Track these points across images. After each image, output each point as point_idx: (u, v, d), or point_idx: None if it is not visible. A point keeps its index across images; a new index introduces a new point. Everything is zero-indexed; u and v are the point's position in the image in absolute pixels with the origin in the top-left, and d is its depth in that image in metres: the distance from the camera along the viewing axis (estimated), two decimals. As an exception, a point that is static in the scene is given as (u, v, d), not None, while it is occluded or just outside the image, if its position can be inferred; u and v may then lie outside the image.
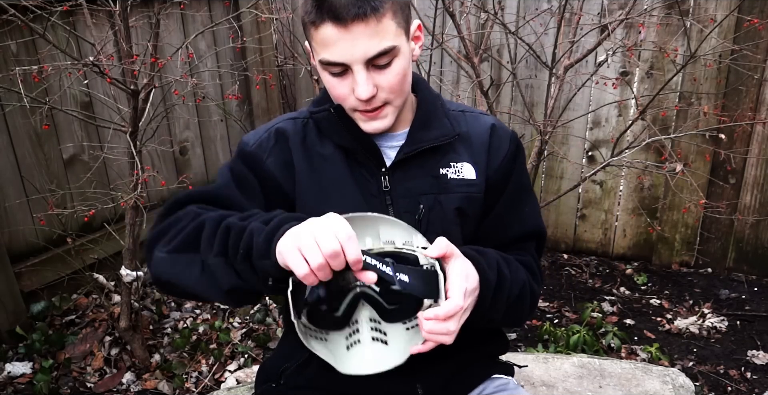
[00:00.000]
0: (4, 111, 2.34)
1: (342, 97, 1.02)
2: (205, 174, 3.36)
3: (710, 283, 3.06)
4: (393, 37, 0.96)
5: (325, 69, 0.99)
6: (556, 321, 2.79)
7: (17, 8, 1.85)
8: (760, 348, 2.57)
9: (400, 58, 0.99)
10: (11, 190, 2.45)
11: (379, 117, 1.04)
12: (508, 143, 1.15)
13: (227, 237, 0.90)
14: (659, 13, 2.83)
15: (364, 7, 0.91)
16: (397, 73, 0.99)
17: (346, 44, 0.93)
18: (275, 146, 1.09)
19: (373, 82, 0.98)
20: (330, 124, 1.08)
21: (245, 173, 1.08)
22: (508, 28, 2.69)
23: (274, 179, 1.08)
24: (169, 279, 0.98)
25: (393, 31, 0.96)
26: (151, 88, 2.09)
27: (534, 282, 1.14)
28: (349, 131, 1.07)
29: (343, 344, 1.00)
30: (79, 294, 2.68)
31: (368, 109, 1.01)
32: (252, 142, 1.11)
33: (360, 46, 0.94)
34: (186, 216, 0.99)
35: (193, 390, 2.34)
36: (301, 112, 1.15)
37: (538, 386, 1.68)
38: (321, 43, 0.95)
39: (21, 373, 2.32)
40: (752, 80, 2.77)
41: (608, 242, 3.33)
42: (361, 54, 0.94)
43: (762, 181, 2.93)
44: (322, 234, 0.81)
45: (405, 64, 1.00)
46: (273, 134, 1.11)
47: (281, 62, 3.71)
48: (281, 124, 1.12)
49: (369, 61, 0.96)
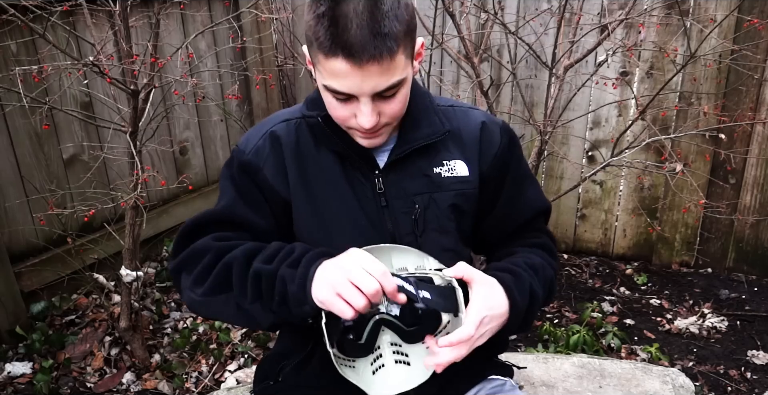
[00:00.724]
0: (4, 111, 2.34)
1: (342, 119, 1.01)
2: (205, 174, 3.36)
3: (710, 283, 3.06)
4: (402, 70, 0.95)
5: (328, 92, 0.98)
6: (556, 321, 2.79)
7: (17, 8, 1.85)
8: (760, 348, 2.57)
9: (405, 87, 0.99)
10: (11, 190, 2.45)
11: (376, 136, 1.04)
12: (499, 136, 1.15)
13: (259, 284, 0.94)
14: (659, 13, 2.83)
15: (380, 48, 0.89)
16: (401, 100, 0.99)
17: (356, 79, 0.92)
18: (270, 152, 1.09)
19: (377, 110, 0.98)
20: (321, 130, 1.08)
21: (247, 184, 1.09)
22: (508, 28, 2.69)
23: (272, 187, 1.08)
24: (207, 316, 1.07)
25: (403, 65, 0.95)
26: (151, 88, 2.09)
27: (554, 262, 1.22)
28: (341, 139, 1.06)
29: (370, 369, 1.04)
30: (79, 294, 2.68)
31: (369, 132, 1.01)
32: (248, 149, 1.10)
33: (370, 82, 0.92)
34: (209, 251, 1.02)
35: (193, 390, 2.34)
36: (295, 111, 1.14)
37: (538, 386, 1.69)
38: (330, 72, 0.93)
39: (21, 373, 2.32)
40: (752, 80, 2.77)
41: (608, 242, 3.33)
42: (370, 89, 0.93)
43: (762, 181, 2.92)
44: (359, 276, 0.84)
45: (408, 89, 1.01)
46: (267, 138, 1.10)
47: (281, 62, 3.71)
48: (275, 128, 1.11)
49: (376, 94, 0.95)
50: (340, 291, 0.85)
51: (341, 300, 0.85)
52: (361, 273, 0.84)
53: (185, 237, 1.07)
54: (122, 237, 2.28)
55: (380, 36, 0.88)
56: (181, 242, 1.07)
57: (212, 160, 3.40)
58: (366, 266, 0.85)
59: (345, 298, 0.84)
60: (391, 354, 0.99)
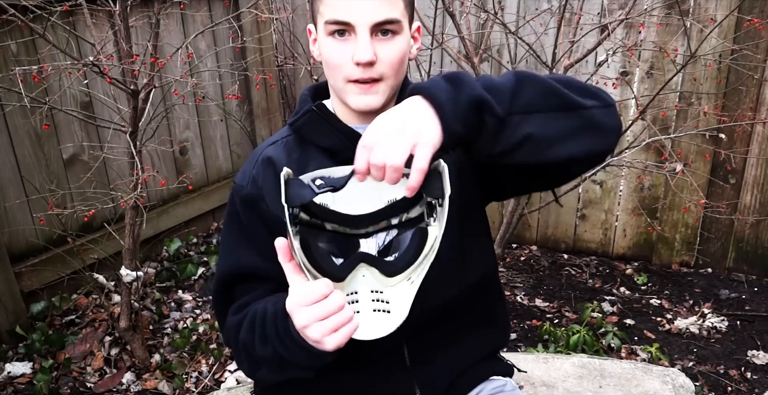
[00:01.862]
0: (4, 111, 2.34)
1: (340, 65, 0.99)
2: (204, 174, 3.36)
3: (710, 283, 3.06)
4: (401, 13, 0.97)
5: (328, 33, 0.98)
6: (556, 321, 2.79)
7: (17, 8, 1.85)
8: (760, 348, 2.57)
9: (402, 37, 0.99)
10: (11, 190, 2.45)
11: (371, 91, 0.99)
12: None
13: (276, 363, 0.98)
14: (659, 13, 2.83)
15: None
16: (398, 49, 0.99)
17: (355, 3, 0.94)
18: (265, 178, 1.07)
19: (374, 49, 0.97)
20: (313, 126, 1.05)
21: (251, 222, 1.07)
22: (508, 28, 2.69)
23: (274, 217, 1.04)
24: (278, 381, 1.10)
25: (401, 9, 0.97)
26: (151, 88, 2.09)
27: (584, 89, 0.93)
28: (335, 126, 1.04)
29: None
30: (79, 294, 2.68)
31: (364, 77, 0.98)
32: (245, 181, 1.08)
33: (368, 7, 0.94)
34: (230, 331, 1.06)
35: (193, 390, 2.34)
36: (280, 133, 1.13)
37: (538, 386, 1.69)
38: (329, 4, 0.96)
39: (21, 373, 2.32)
40: (752, 80, 2.77)
41: (608, 242, 3.33)
42: (368, 15, 0.95)
43: (762, 181, 2.93)
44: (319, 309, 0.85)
45: (406, 46, 1.01)
46: (260, 164, 1.08)
47: (281, 62, 3.71)
48: (266, 152, 1.09)
49: (374, 27, 0.96)
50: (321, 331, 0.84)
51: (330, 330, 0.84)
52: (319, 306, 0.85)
53: (220, 304, 1.11)
54: (122, 237, 2.28)
55: None
56: (218, 313, 1.12)
57: (212, 159, 3.40)
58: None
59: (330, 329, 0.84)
60: (370, 302, 0.95)
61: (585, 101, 0.89)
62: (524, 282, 3.13)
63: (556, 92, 0.87)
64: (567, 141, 0.87)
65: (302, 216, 0.93)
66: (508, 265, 3.30)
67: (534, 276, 3.19)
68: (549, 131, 0.86)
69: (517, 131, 0.85)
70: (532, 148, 0.86)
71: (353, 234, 0.96)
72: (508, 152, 0.87)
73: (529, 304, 2.94)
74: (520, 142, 0.85)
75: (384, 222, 0.95)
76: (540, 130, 0.85)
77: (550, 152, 0.87)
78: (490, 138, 0.86)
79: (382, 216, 0.95)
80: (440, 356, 1.15)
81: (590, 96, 0.90)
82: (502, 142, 0.86)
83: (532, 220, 3.41)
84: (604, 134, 0.91)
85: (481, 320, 1.21)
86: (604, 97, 0.92)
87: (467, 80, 0.85)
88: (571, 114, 0.87)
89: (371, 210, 0.95)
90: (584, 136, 0.88)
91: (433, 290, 0.97)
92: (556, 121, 0.86)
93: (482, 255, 1.18)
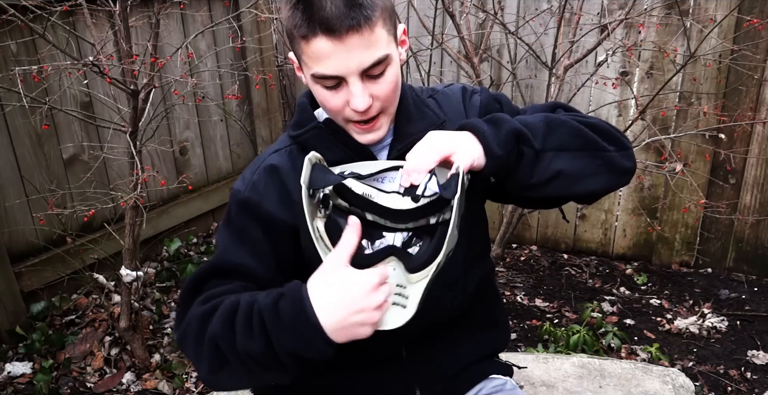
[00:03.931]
0: (4, 111, 2.34)
1: (337, 110, 0.99)
2: (204, 174, 3.36)
3: (710, 283, 3.06)
4: (385, 45, 0.94)
5: (317, 82, 0.97)
6: (556, 321, 2.79)
7: (17, 8, 1.85)
8: (760, 348, 2.57)
9: (392, 66, 0.97)
10: (11, 190, 2.45)
11: (374, 129, 1.01)
12: (478, 96, 1.13)
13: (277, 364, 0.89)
14: (659, 13, 2.83)
15: (357, 18, 0.89)
16: (391, 81, 0.97)
17: (340, 57, 0.91)
18: (267, 184, 1.06)
19: (368, 92, 0.96)
20: (320, 141, 1.05)
21: (244, 223, 1.05)
22: (508, 28, 2.69)
23: (274, 218, 1.04)
24: (228, 390, 1.05)
25: (385, 40, 0.94)
26: (151, 88, 2.09)
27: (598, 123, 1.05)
28: (344, 143, 1.04)
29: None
30: (79, 294, 2.68)
31: (364, 119, 0.99)
32: (243, 188, 1.07)
33: (355, 58, 0.92)
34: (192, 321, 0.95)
35: (193, 390, 2.34)
36: (281, 141, 1.12)
37: (538, 386, 1.69)
38: (314, 57, 0.93)
39: (21, 373, 2.32)
40: (752, 80, 2.77)
41: (608, 242, 3.33)
42: (356, 65, 0.92)
43: (762, 181, 2.93)
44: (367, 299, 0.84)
45: (397, 71, 0.99)
46: (263, 172, 1.07)
47: (281, 62, 3.71)
48: (269, 160, 1.08)
49: (364, 72, 0.94)
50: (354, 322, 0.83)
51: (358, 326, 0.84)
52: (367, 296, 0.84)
53: (187, 295, 1.01)
54: (122, 237, 2.28)
55: (356, 6, 0.89)
56: (183, 304, 1.01)
57: (212, 159, 3.40)
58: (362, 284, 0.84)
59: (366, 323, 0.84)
60: (393, 296, 0.96)
61: (608, 144, 1.01)
62: (524, 282, 3.13)
63: (583, 134, 1.00)
64: (591, 178, 1.00)
65: (341, 202, 0.95)
66: (508, 265, 3.30)
67: (534, 276, 3.19)
68: (576, 168, 0.98)
69: (550, 167, 0.97)
70: (561, 182, 0.98)
71: (392, 227, 0.97)
72: (541, 185, 0.98)
73: (529, 304, 2.94)
74: (552, 176, 0.97)
75: (423, 219, 0.95)
76: (569, 166, 0.98)
77: (576, 187, 1.00)
78: (528, 169, 0.96)
79: (422, 213, 0.96)
80: (440, 357, 1.16)
81: (612, 140, 1.02)
82: (537, 174, 0.96)
83: (532, 220, 3.41)
84: (621, 174, 1.04)
85: (481, 322, 1.21)
86: (624, 141, 1.04)
87: (506, 118, 0.96)
88: (596, 154, 1.00)
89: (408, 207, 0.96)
90: (605, 173, 1.01)
91: (438, 299, 0.98)
92: (582, 160, 0.99)
93: (481, 261, 1.19)
